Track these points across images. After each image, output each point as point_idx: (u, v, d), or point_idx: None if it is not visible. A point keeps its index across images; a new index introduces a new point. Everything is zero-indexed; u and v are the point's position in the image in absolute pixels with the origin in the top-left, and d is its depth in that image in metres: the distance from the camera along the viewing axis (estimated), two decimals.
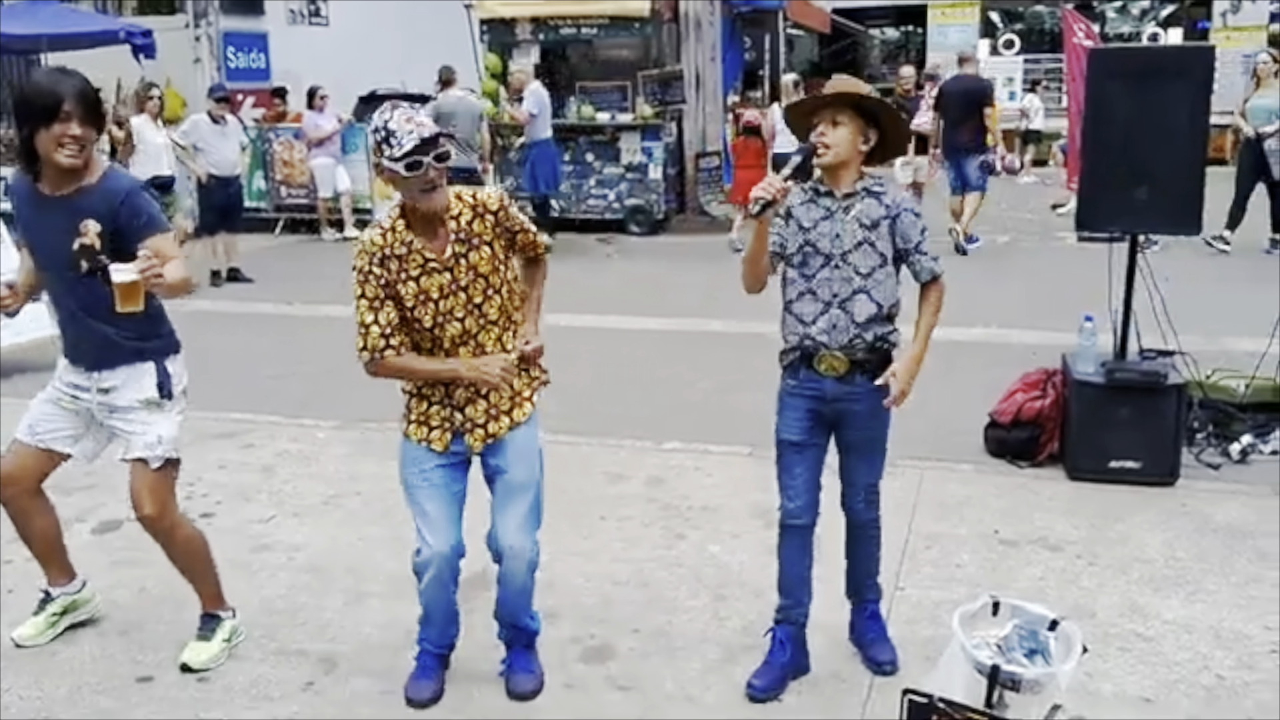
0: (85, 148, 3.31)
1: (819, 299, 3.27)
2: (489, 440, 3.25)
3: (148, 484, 3.50)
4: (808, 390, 3.34)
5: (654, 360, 7.77)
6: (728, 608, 4.00)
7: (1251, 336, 5.95)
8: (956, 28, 24.33)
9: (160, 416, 3.51)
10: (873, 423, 3.37)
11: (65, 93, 3.25)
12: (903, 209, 3.26)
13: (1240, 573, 4.21)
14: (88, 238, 3.34)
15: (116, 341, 3.44)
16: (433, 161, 2.96)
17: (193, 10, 15.71)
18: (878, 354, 3.29)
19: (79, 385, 3.54)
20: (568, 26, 14.13)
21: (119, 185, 3.41)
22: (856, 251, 3.24)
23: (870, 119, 3.23)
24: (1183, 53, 5.91)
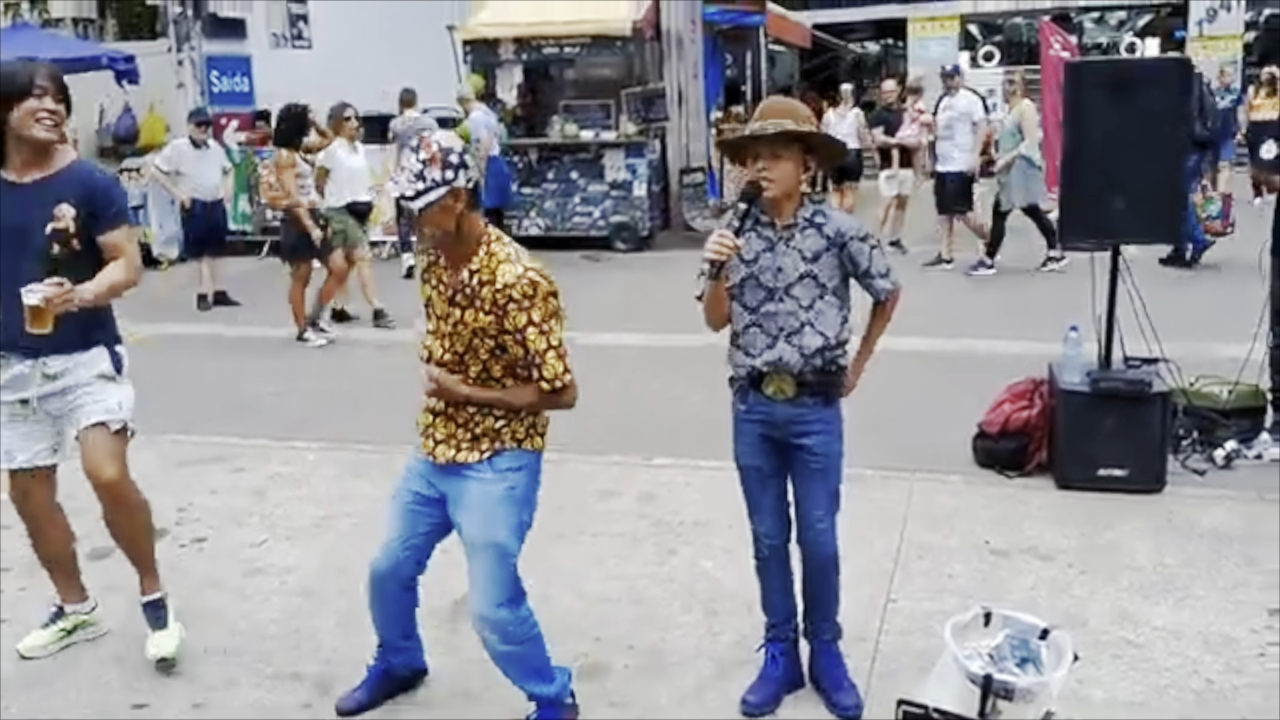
0: (59, 124, 3.42)
1: (765, 332, 3.24)
2: (432, 457, 3.14)
3: (108, 448, 3.55)
4: (757, 414, 3.32)
5: (642, 376, 7.80)
6: (720, 623, 4.01)
7: (1233, 342, 6.00)
8: (936, 41, 24.51)
9: (116, 387, 3.59)
10: (823, 451, 3.29)
11: (36, 71, 3.39)
12: (849, 237, 3.20)
13: (1227, 578, 4.25)
14: (63, 221, 3.41)
15: (66, 330, 3.44)
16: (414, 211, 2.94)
17: (175, 35, 15.73)
18: (826, 375, 3.27)
19: (22, 389, 3.55)
20: (550, 46, 14.19)
21: (93, 173, 3.58)
22: (799, 285, 3.20)
23: (807, 147, 3.19)
24: (1159, 64, 5.98)
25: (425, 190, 2.88)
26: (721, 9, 16.52)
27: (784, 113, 3.17)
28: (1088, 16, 25.58)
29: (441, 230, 2.96)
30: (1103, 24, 26.21)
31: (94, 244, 3.50)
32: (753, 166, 3.17)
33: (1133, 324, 5.25)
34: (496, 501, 3.09)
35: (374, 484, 5.18)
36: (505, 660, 3.20)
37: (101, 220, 3.49)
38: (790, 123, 3.12)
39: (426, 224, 2.95)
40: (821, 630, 3.50)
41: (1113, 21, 26.07)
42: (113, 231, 3.52)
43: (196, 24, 15.72)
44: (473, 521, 3.10)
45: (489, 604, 3.09)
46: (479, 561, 3.10)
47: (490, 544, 3.08)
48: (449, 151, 2.91)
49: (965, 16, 24.80)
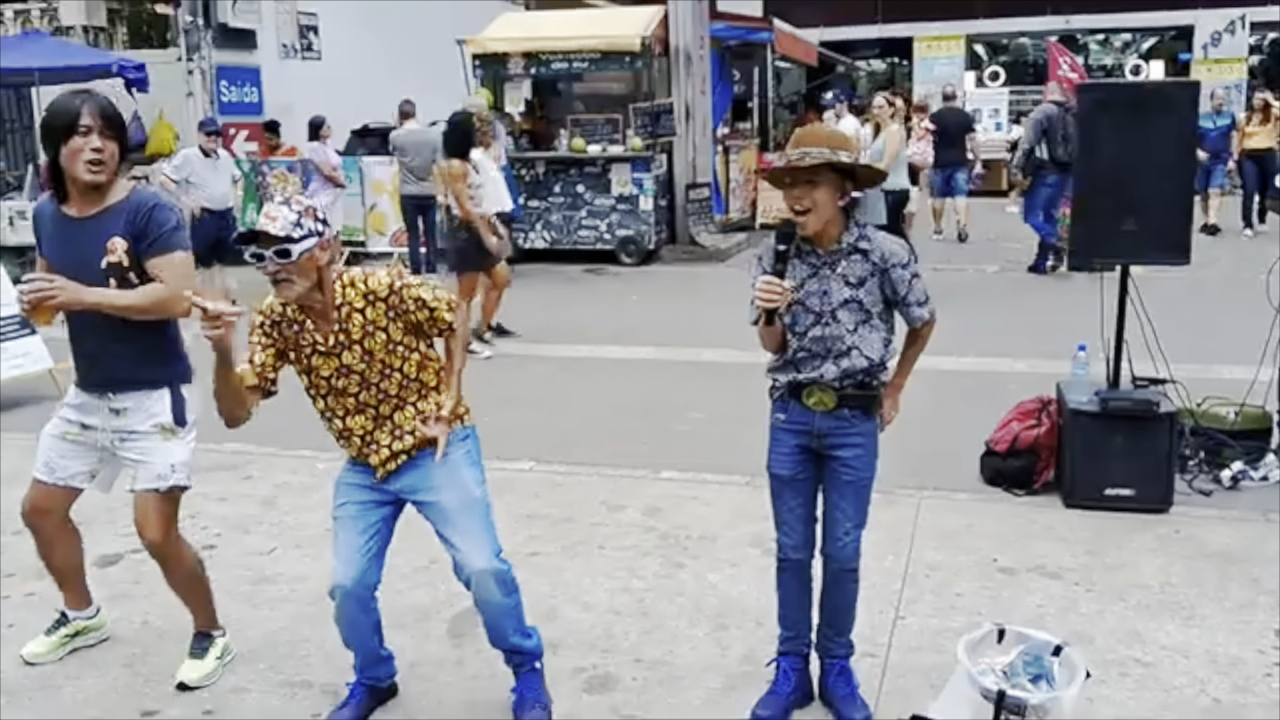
0: (107, 162, 3.33)
1: (814, 354, 3.26)
2: (388, 464, 3.25)
3: (155, 509, 3.54)
4: (796, 424, 3.34)
5: (648, 389, 7.81)
6: (729, 637, 4.02)
7: (1241, 364, 6.03)
8: (942, 60, 24.62)
9: (175, 443, 3.55)
10: (858, 465, 3.31)
11: (83, 107, 3.30)
12: (890, 264, 3.20)
13: (1234, 598, 4.25)
14: (115, 255, 3.38)
15: (132, 365, 3.48)
16: (273, 256, 2.97)
17: (185, 44, 15.79)
18: (866, 390, 3.29)
19: (89, 414, 3.56)
20: (559, 60, 14.26)
21: (143, 201, 3.46)
22: (844, 309, 3.21)
23: (845, 173, 3.17)
24: (1169, 87, 6.00)
25: (304, 237, 3.00)
26: (729, 26, 16.61)
27: (819, 140, 3.16)
28: (1093, 39, 25.71)
29: (307, 281, 3.05)
30: (1107, 46, 26.35)
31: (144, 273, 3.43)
32: (788, 195, 3.16)
33: (1142, 345, 5.27)
34: (460, 466, 3.28)
35: None
36: (504, 614, 3.32)
37: (143, 245, 3.40)
38: (826, 151, 3.09)
39: (296, 273, 3.02)
40: (835, 646, 3.50)
41: (1117, 44, 26.22)
42: (155, 258, 3.41)
43: (207, 34, 15.79)
44: (446, 491, 3.24)
45: (490, 556, 3.24)
46: (467, 521, 3.24)
47: (472, 501, 3.26)
48: (317, 208, 3.12)
49: (971, 36, 24.90)
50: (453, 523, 3.24)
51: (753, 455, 3.98)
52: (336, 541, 3.31)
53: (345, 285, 3.14)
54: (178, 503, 3.62)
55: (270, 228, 2.97)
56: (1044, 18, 23.84)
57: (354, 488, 3.33)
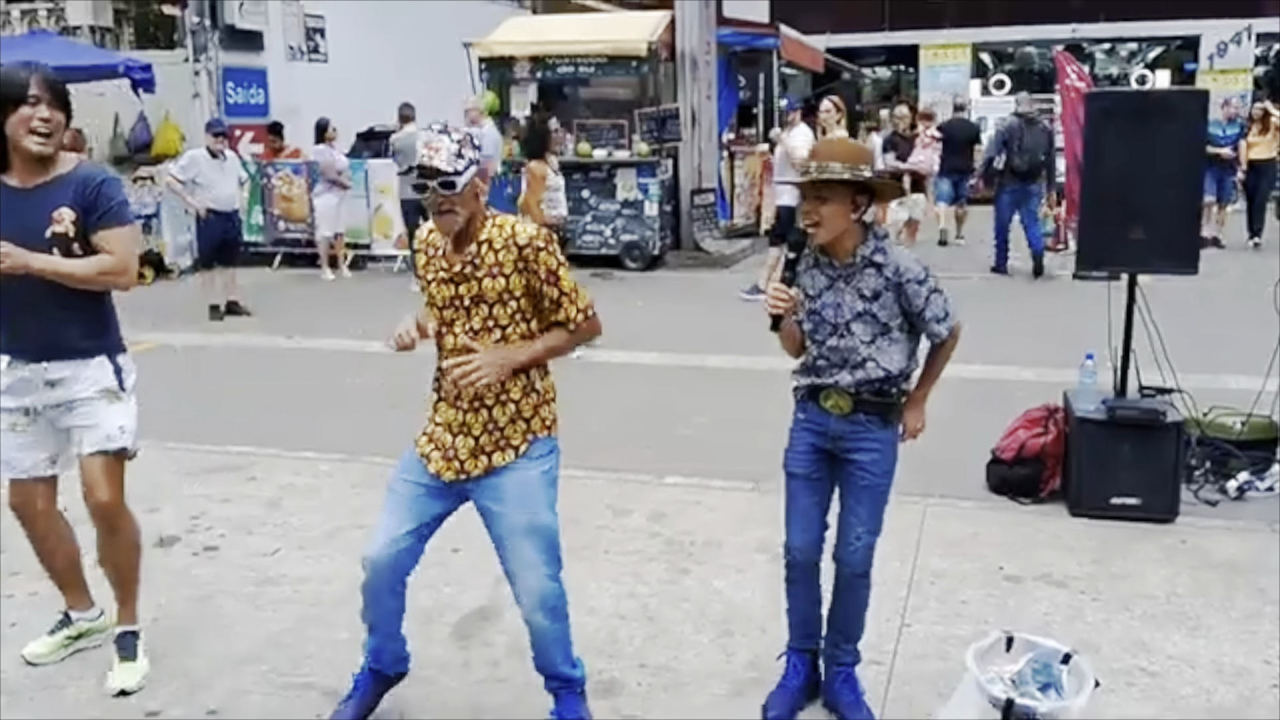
0: (55, 133, 3.35)
1: (832, 363, 3.28)
2: (462, 476, 3.15)
3: (105, 470, 3.53)
4: (813, 425, 3.36)
5: (653, 394, 7.81)
6: (734, 643, 4.01)
7: (1247, 374, 6.01)
8: (948, 68, 24.63)
9: (120, 406, 3.55)
10: (873, 469, 3.31)
11: (31, 78, 3.31)
12: (906, 279, 3.19)
13: (1240, 608, 4.24)
14: (62, 225, 3.39)
15: (68, 334, 3.46)
16: (437, 187, 2.95)
17: (192, 45, 15.81)
18: (884, 399, 3.29)
19: (24, 395, 3.54)
20: (566, 65, 14.28)
21: (91, 175, 3.48)
22: (857, 322, 3.23)
23: (859, 186, 3.17)
24: (1177, 96, 6.01)
25: (465, 169, 2.96)
26: (736, 32, 16.62)
27: (833, 155, 3.17)
28: (1099, 48, 25.71)
29: (468, 210, 3.02)
30: (1114, 55, 26.35)
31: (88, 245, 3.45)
32: (802, 207, 3.19)
33: (1149, 354, 5.26)
34: (536, 486, 3.16)
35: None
36: (551, 641, 3.23)
37: (92, 218, 3.42)
38: (837, 166, 3.11)
39: (461, 204, 2.99)
40: (842, 654, 3.49)
41: (1124, 53, 26.21)
42: (103, 230, 3.43)
43: (214, 35, 15.81)
44: (514, 510, 3.13)
45: (544, 579, 3.14)
46: (528, 545, 3.13)
47: (539, 526, 3.14)
48: (472, 136, 3.08)
49: (977, 45, 24.91)
50: (515, 543, 3.14)
51: (758, 460, 4.00)
52: (383, 512, 3.23)
53: (495, 223, 3.08)
54: (123, 466, 3.61)
55: (435, 160, 2.92)
56: (1050, 26, 23.84)
57: (415, 467, 3.22)
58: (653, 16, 15.23)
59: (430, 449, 3.21)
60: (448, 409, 3.17)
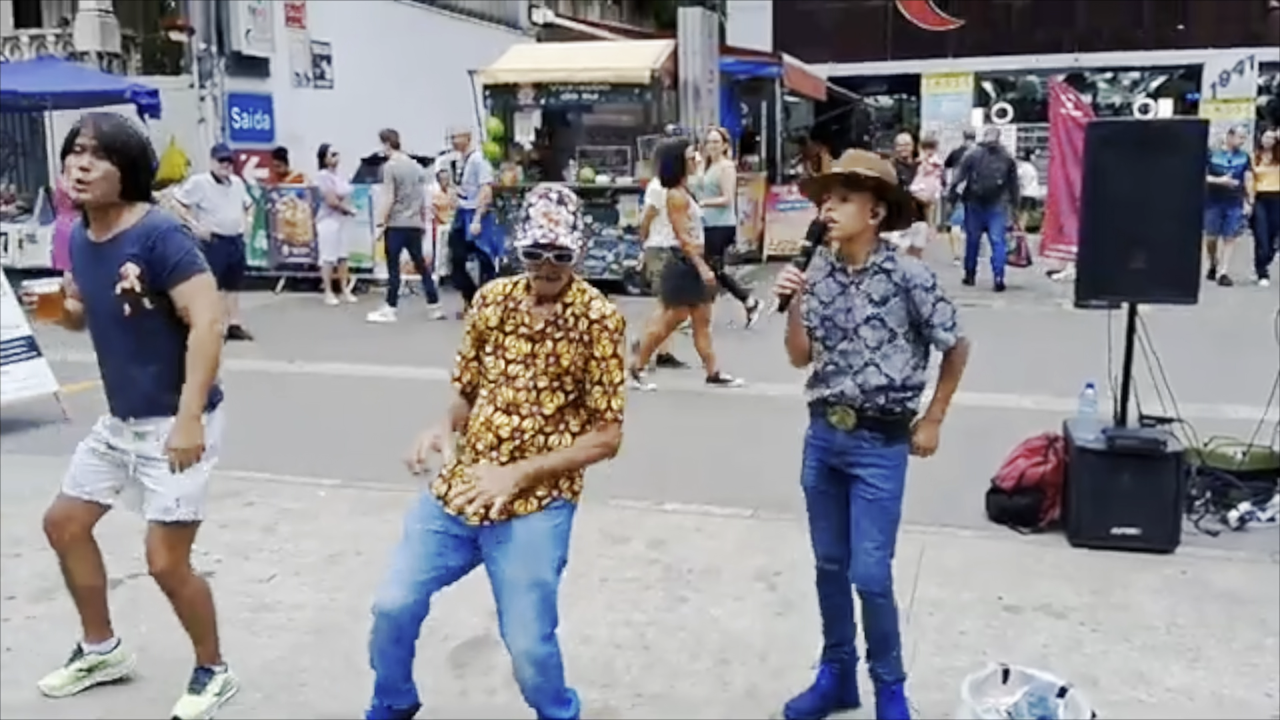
0: (94, 183, 3.28)
1: (839, 369, 3.36)
2: (485, 522, 3.08)
3: (160, 540, 3.50)
4: (820, 440, 3.46)
5: (652, 420, 7.78)
6: (731, 672, 3.98)
7: (1248, 403, 6.00)
8: (950, 96, 24.71)
9: (185, 474, 3.45)
10: (881, 485, 3.35)
11: (83, 127, 3.30)
12: (914, 285, 3.28)
13: (1241, 640, 4.21)
14: (128, 281, 3.35)
15: (152, 391, 3.43)
16: (550, 258, 3.00)
17: (199, 71, 15.93)
18: (889, 416, 3.34)
19: (116, 436, 3.54)
20: (569, 92, 14.35)
21: (154, 226, 3.39)
22: (865, 326, 3.31)
23: (879, 194, 3.30)
24: (1177, 126, 6.03)
25: (581, 241, 3.06)
26: (739, 60, 16.72)
27: (860, 160, 3.36)
28: (1101, 77, 25.80)
29: (562, 279, 3.08)
30: (1116, 84, 26.44)
31: (168, 301, 3.40)
32: (824, 205, 3.31)
33: (1149, 383, 5.25)
34: (544, 540, 3.12)
35: (385, 523, 5.16)
36: (539, 693, 3.17)
37: (162, 277, 3.36)
38: (861, 167, 3.28)
39: (562, 272, 3.05)
40: (881, 672, 3.51)
41: (1126, 82, 26.30)
42: (178, 286, 3.37)
43: (220, 61, 15.92)
44: (518, 561, 3.09)
45: (535, 640, 3.07)
46: (524, 600, 3.07)
47: (537, 583, 3.08)
48: (577, 204, 3.13)
49: (979, 73, 25.01)
50: (511, 596, 3.09)
51: (758, 487, 3.98)
52: (396, 558, 3.17)
53: (579, 289, 3.14)
54: (188, 534, 3.57)
55: (558, 235, 2.98)
56: (1052, 55, 23.95)
57: (430, 513, 3.18)
58: (656, 45, 15.32)
59: (446, 489, 3.16)
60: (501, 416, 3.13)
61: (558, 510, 3.17)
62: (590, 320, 3.09)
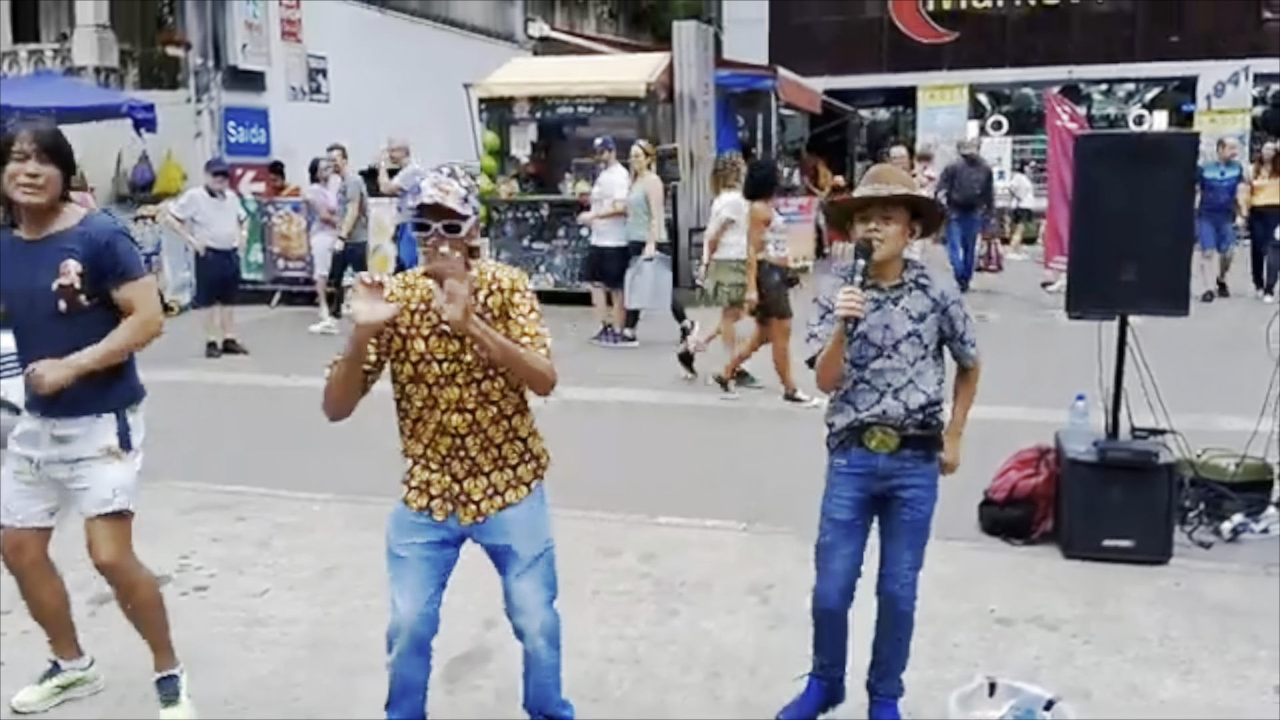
0: (44, 186, 3.39)
1: (874, 388, 3.32)
2: (479, 519, 3.14)
3: (104, 533, 3.53)
4: (859, 468, 3.37)
5: (646, 433, 7.80)
6: (722, 686, 3.98)
7: (1242, 415, 6.00)
8: (946, 109, 24.77)
9: (117, 466, 3.53)
10: (922, 504, 3.39)
11: (19, 133, 3.37)
12: (950, 301, 3.34)
13: (1234, 652, 4.21)
14: (68, 277, 3.41)
15: (80, 390, 3.43)
16: (440, 229, 2.92)
17: (195, 86, 15.96)
18: (927, 430, 3.35)
19: (33, 446, 3.54)
20: (565, 105, 14.39)
21: (101, 229, 3.51)
22: (905, 342, 3.30)
23: (914, 211, 3.32)
24: (1169, 138, 6.06)
25: (470, 215, 2.98)
26: (735, 74, 16.76)
27: (897, 177, 3.35)
28: (1096, 89, 25.87)
29: (461, 258, 2.98)
30: (1111, 96, 26.51)
31: (106, 299, 3.48)
32: (863, 227, 3.27)
33: (1142, 395, 5.25)
34: (537, 512, 3.23)
35: (378, 536, 5.08)
36: (552, 671, 3.26)
37: (110, 277, 3.47)
38: (903, 188, 3.28)
39: (455, 247, 2.95)
40: (884, 687, 3.53)
41: (1121, 94, 26.37)
42: (124, 286, 3.50)
43: (216, 75, 15.96)
44: (524, 542, 3.17)
45: (545, 605, 3.20)
46: (534, 574, 3.18)
47: (542, 551, 3.20)
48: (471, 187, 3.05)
49: (974, 86, 25.08)
50: (523, 573, 3.17)
51: (752, 500, 3.98)
52: (397, 582, 3.16)
53: (480, 271, 3.07)
54: (128, 525, 3.61)
55: (445, 200, 2.89)
56: (1047, 68, 24.01)
57: (416, 526, 3.18)
58: (651, 58, 15.36)
59: (427, 500, 3.16)
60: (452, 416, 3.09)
61: (536, 500, 3.23)
62: (503, 291, 3.04)
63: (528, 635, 3.20)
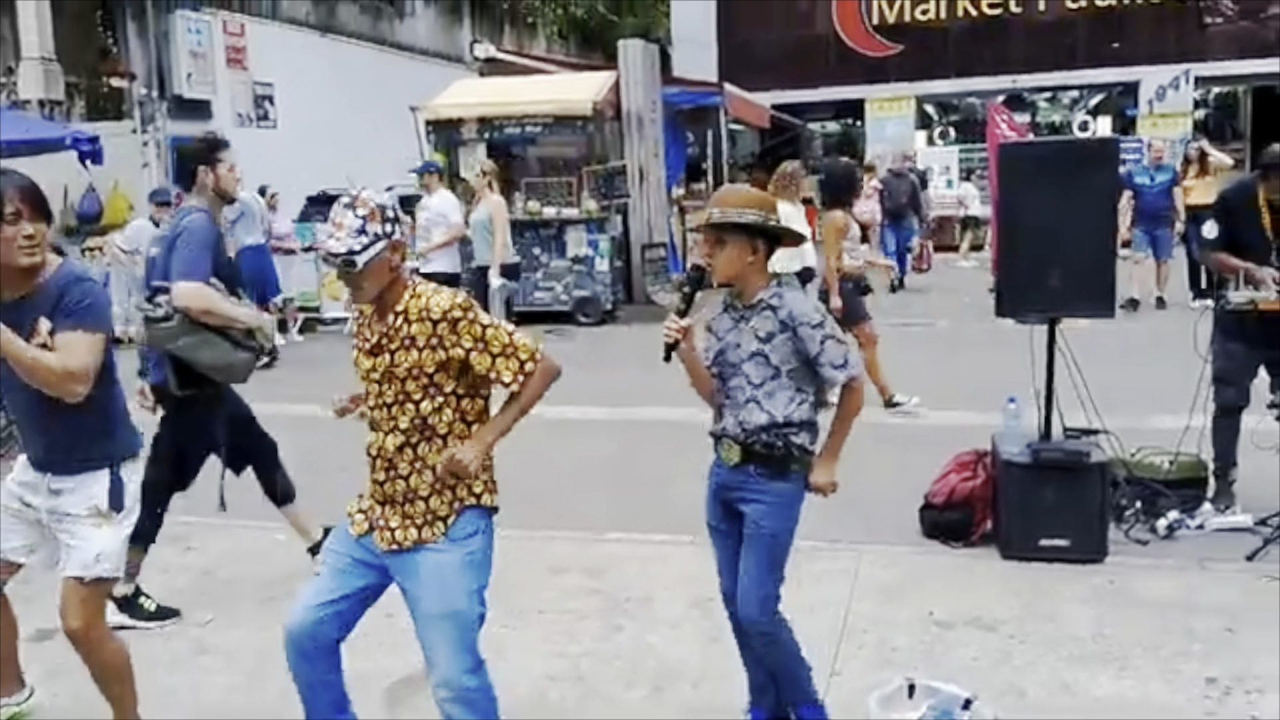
0: (39, 244, 3.24)
1: (731, 403, 3.37)
2: (393, 546, 3.06)
3: (78, 598, 3.42)
4: (715, 474, 3.48)
5: (598, 450, 7.82)
6: (664, 699, 4.02)
7: (1175, 414, 6.12)
8: (894, 120, 25.02)
9: (106, 530, 3.41)
10: (762, 522, 3.32)
11: (5, 191, 3.19)
12: (799, 323, 3.26)
13: (1167, 646, 4.29)
14: (41, 337, 3.27)
15: (68, 445, 3.37)
16: (341, 266, 2.95)
17: (140, 116, 15.85)
18: (774, 452, 3.31)
19: (31, 492, 3.48)
20: (513, 125, 14.44)
21: (66, 276, 3.35)
22: (749, 362, 3.31)
23: (758, 231, 3.30)
24: (1087, 144, 6.19)
25: (369, 245, 2.93)
26: (683, 91, 16.87)
27: (730, 199, 3.36)
28: (1040, 96, 26.22)
29: (378, 283, 2.99)
30: (1056, 103, 26.85)
31: None
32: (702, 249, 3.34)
33: (1082, 396, 5.34)
34: (455, 570, 3.03)
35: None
36: None
37: (57, 319, 3.27)
38: (734, 213, 3.27)
39: (367, 280, 2.97)
40: (785, 700, 3.52)
41: (1065, 101, 26.73)
42: (62, 333, 3.25)
43: (162, 105, 15.86)
44: (430, 593, 3.02)
45: (456, 673, 3.01)
46: (439, 632, 3.02)
47: (451, 613, 3.02)
48: (385, 206, 3.00)
49: (920, 97, 25.36)
50: (427, 629, 3.05)
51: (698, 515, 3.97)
52: (311, 583, 3.20)
53: (412, 294, 3.01)
54: (105, 591, 3.53)
55: (333, 245, 2.91)
56: (991, 78, 24.30)
57: (350, 540, 3.17)
58: (598, 77, 15.45)
59: (358, 514, 3.17)
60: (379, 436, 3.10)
61: (467, 538, 3.06)
62: (434, 321, 2.95)
63: (441, 698, 3.03)
